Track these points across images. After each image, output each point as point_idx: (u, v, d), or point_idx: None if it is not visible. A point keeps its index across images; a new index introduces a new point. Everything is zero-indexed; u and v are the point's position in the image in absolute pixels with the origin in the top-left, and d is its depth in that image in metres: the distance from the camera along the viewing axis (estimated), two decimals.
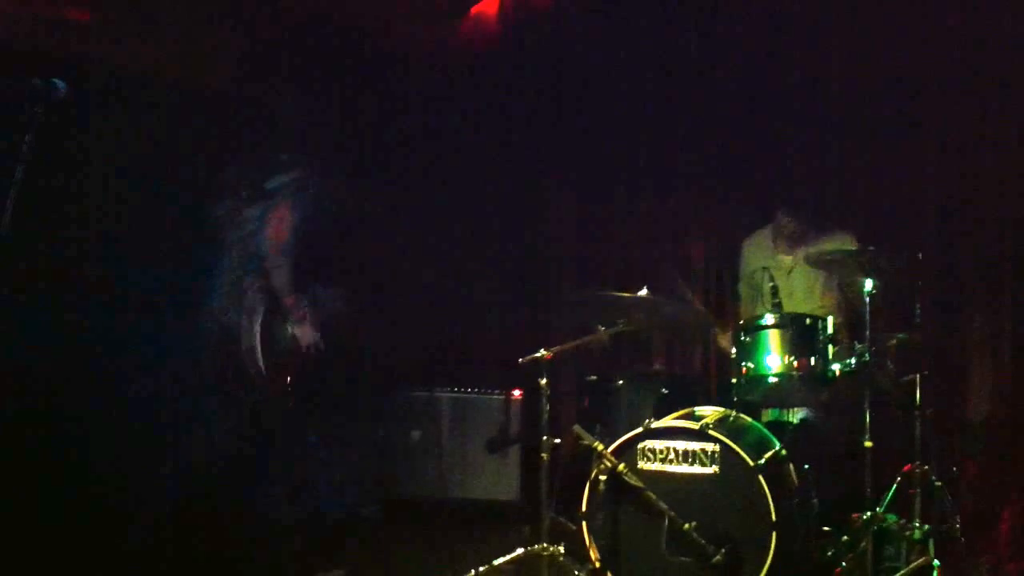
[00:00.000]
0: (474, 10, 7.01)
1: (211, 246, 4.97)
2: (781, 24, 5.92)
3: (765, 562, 3.99)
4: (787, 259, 5.22)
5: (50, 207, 4.56)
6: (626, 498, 4.27)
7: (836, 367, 4.49)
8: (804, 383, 4.53)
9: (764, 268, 5.17)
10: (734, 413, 4.53)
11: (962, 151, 5.52)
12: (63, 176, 4.73)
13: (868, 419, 4.26)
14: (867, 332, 4.34)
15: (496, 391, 5.84)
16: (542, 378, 4.63)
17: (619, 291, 4.87)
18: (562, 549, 4.52)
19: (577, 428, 4.46)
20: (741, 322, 4.79)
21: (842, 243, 5.02)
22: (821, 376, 4.48)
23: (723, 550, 4.03)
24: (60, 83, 3.41)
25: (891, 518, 4.33)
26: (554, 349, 4.68)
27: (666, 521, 4.13)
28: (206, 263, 4.97)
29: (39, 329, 4.61)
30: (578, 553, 4.42)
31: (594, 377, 5.28)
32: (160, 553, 4.65)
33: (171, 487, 4.84)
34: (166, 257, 5.02)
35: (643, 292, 4.76)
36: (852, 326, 4.86)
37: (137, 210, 5.02)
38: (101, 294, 4.92)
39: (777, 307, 4.67)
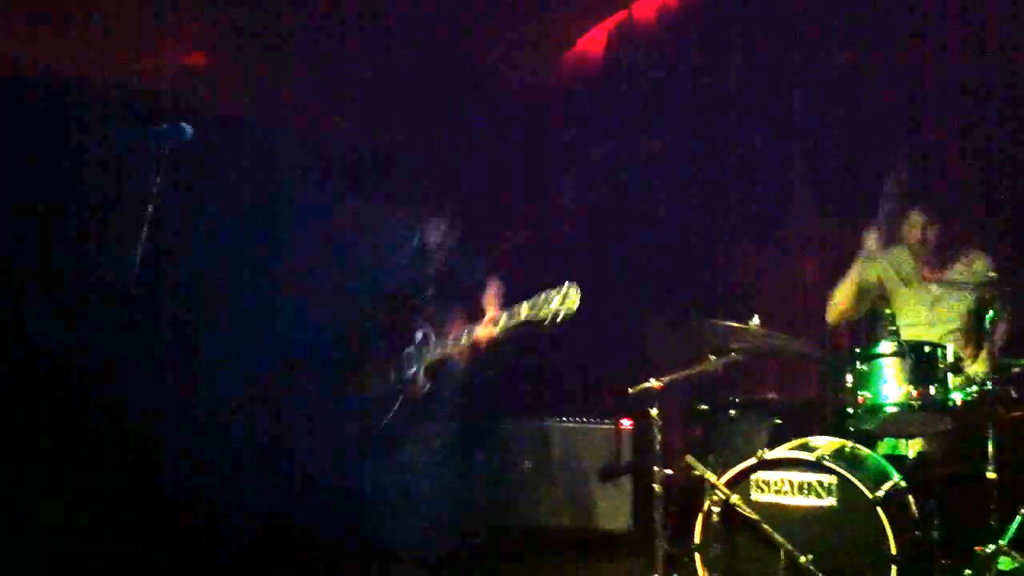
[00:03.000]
0: (579, 47, 7.07)
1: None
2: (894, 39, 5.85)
3: None
4: (934, 288, 5.06)
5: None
6: (740, 530, 4.23)
7: (957, 396, 4.36)
8: (923, 412, 4.42)
9: (881, 297, 5.06)
10: (850, 444, 4.46)
11: None
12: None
13: (991, 449, 4.15)
14: (989, 359, 4.24)
15: (606, 421, 5.83)
16: (653, 408, 4.63)
17: (731, 320, 4.83)
18: None
19: (689, 458, 4.45)
20: (857, 350, 4.69)
21: (983, 264, 4.89)
22: (941, 405, 4.36)
23: None
24: (187, 126, 3.55)
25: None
26: (665, 378, 4.67)
27: (782, 554, 4.07)
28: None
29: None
30: None
31: (706, 407, 5.24)
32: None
33: (272, 503, 4.94)
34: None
35: (754, 321, 4.72)
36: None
37: None
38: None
39: (894, 334, 4.55)
